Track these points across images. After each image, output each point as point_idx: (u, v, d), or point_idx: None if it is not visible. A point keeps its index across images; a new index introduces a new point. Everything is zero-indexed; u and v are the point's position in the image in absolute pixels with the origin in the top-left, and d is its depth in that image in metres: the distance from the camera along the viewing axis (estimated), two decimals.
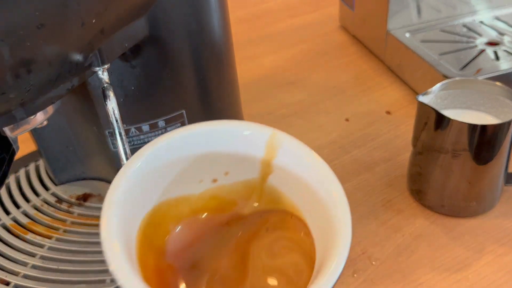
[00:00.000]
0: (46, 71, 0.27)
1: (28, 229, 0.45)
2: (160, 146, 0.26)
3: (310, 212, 0.28)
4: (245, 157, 0.28)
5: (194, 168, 0.28)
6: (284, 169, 0.28)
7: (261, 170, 0.29)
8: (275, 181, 0.29)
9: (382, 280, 0.42)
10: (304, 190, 0.27)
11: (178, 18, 0.39)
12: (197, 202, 0.29)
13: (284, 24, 0.87)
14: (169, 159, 0.27)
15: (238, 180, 0.30)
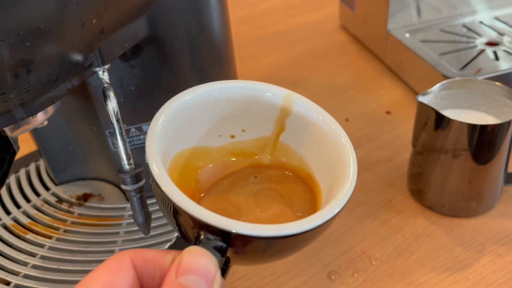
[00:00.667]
0: (46, 71, 0.27)
1: (29, 229, 0.45)
2: (191, 97, 0.29)
3: (317, 164, 0.30)
4: (261, 115, 0.31)
5: (216, 122, 0.30)
6: (296, 127, 0.30)
7: (274, 128, 0.31)
8: (287, 138, 0.31)
9: (382, 280, 0.42)
10: (313, 145, 0.30)
11: (178, 18, 0.39)
12: (217, 154, 0.31)
13: (284, 24, 0.87)
14: (196, 110, 0.29)
15: (253, 137, 0.32)
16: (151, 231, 0.43)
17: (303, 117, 0.30)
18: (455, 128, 0.42)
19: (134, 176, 0.33)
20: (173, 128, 0.28)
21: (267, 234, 0.22)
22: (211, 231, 0.22)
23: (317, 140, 0.30)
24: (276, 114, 0.31)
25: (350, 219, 0.48)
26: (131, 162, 0.33)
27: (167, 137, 0.27)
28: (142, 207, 0.34)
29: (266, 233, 0.22)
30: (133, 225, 0.45)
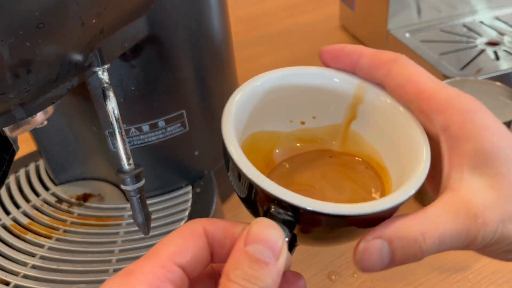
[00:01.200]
0: (46, 71, 0.26)
1: (28, 229, 0.45)
2: (263, 81, 0.29)
3: (388, 152, 0.30)
4: (333, 102, 0.30)
5: (287, 108, 0.30)
6: (368, 115, 0.30)
7: (346, 116, 0.31)
8: (358, 127, 0.31)
9: (382, 281, 0.42)
10: (384, 132, 0.30)
11: (178, 18, 0.39)
12: (286, 139, 0.31)
13: (284, 24, 0.87)
14: (268, 95, 0.29)
15: (324, 125, 0.31)
16: (151, 231, 0.43)
17: (376, 105, 0.30)
18: None
19: (134, 176, 0.33)
20: (247, 110, 0.28)
21: (338, 212, 0.22)
22: (282, 206, 0.23)
23: (389, 128, 0.29)
24: (349, 101, 0.30)
25: None
26: (131, 162, 0.33)
27: (240, 118, 0.27)
28: (142, 207, 0.34)
29: (336, 211, 0.22)
30: (133, 225, 0.45)
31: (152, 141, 0.43)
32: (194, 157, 0.47)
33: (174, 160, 0.47)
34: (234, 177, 0.25)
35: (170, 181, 0.48)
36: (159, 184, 0.47)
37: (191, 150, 0.47)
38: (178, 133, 0.44)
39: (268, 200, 0.23)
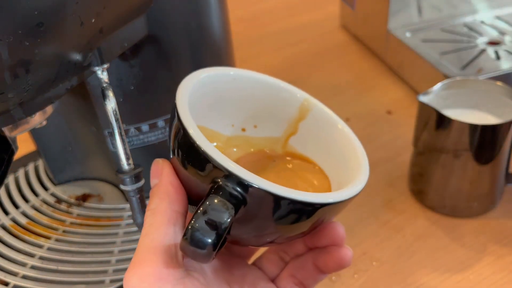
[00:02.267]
0: (45, 71, 0.26)
1: (27, 229, 0.45)
2: (213, 75, 0.28)
3: (327, 164, 0.30)
4: (277, 114, 0.31)
5: (232, 110, 0.30)
6: (308, 131, 0.30)
7: (286, 130, 0.31)
8: (296, 142, 0.31)
9: (383, 281, 0.42)
10: (323, 148, 0.30)
11: (177, 17, 0.39)
12: (224, 143, 0.31)
13: (284, 23, 0.87)
14: (216, 91, 0.29)
15: (263, 135, 0.31)
16: None
17: (318, 121, 0.30)
18: (456, 128, 0.42)
19: (134, 176, 0.33)
20: (198, 97, 0.27)
21: (293, 196, 0.22)
22: (233, 182, 0.22)
23: (329, 142, 0.30)
24: (292, 116, 0.30)
25: (350, 220, 0.47)
26: (130, 162, 0.33)
27: (192, 101, 0.27)
28: (141, 207, 0.34)
29: (293, 195, 0.22)
30: (132, 225, 0.45)
31: (152, 141, 0.43)
32: None
33: None
34: (181, 147, 0.25)
35: None
36: None
37: None
38: None
39: (219, 174, 0.23)
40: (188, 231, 0.21)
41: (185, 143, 0.24)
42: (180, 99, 0.25)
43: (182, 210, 0.25)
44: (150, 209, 0.25)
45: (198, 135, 0.23)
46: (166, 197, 0.25)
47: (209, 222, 0.21)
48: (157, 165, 0.26)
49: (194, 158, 0.24)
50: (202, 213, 0.22)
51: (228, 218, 0.21)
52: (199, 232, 0.21)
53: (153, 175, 0.26)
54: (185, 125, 0.24)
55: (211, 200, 0.22)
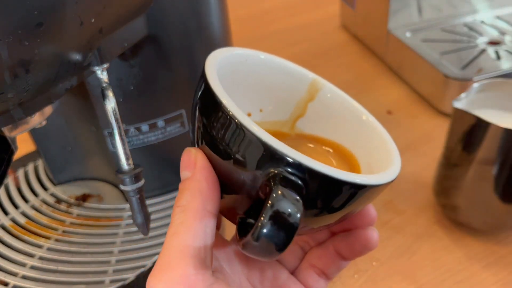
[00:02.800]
0: (44, 71, 0.26)
1: (27, 229, 0.45)
2: (233, 55, 0.27)
3: (350, 141, 0.29)
4: (283, 97, 0.29)
5: (239, 94, 0.28)
6: (317, 112, 0.29)
7: (294, 112, 0.30)
8: (303, 125, 0.30)
9: (383, 281, 0.42)
10: (341, 131, 0.29)
11: (177, 17, 0.39)
12: None
13: (284, 23, 0.87)
14: (231, 71, 0.27)
15: (269, 120, 0.30)
16: (150, 232, 0.42)
17: (328, 102, 0.29)
18: (500, 136, 0.38)
19: (133, 176, 0.33)
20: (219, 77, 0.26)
21: (355, 180, 0.21)
22: (294, 171, 0.20)
23: (344, 122, 0.29)
24: (300, 97, 0.29)
25: None
26: (130, 163, 0.33)
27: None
28: (141, 207, 0.34)
29: (354, 178, 0.21)
30: (132, 225, 0.45)
31: (152, 141, 0.43)
32: None
33: (173, 160, 0.47)
34: (221, 134, 0.22)
35: (170, 181, 0.48)
36: (158, 184, 0.47)
37: None
38: (177, 133, 0.44)
39: (278, 162, 0.21)
40: (258, 229, 0.20)
41: (228, 129, 0.22)
42: (213, 80, 0.23)
43: (214, 210, 0.23)
44: (181, 205, 0.22)
45: (247, 120, 0.21)
46: (199, 194, 0.22)
47: (279, 218, 0.20)
48: (189, 156, 0.24)
49: (241, 146, 0.21)
50: (270, 208, 0.20)
51: (298, 213, 0.20)
52: (271, 231, 0.20)
53: (185, 167, 0.23)
54: (228, 108, 0.21)
55: (277, 194, 0.20)
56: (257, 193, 0.22)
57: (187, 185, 0.23)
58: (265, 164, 0.21)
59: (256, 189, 0.22)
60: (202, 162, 0.23)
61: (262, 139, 0.20)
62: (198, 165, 0.23)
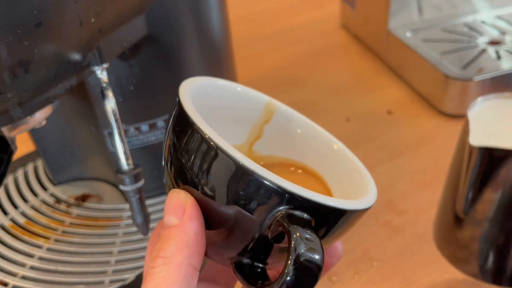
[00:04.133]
0: (44, 71, 0.26)
1: (27, 229, 0.45)
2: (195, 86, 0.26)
3: (317, 162, 0.29)
4: (238, 120, 0.29)
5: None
6: (274, 132, 0.29)
7: (250, 134, 0.29)
8: (260, 147, 0.30)
9: (383, 281, 0.42)
10: (302, 152, 0.29)
11: (177, 17, 0.39)
12: None
13: (285, 23, 0.87)
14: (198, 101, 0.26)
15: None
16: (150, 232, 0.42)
17: (284, 122, 0.29)
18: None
19: (133, 177, 0.33)
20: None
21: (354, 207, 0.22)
22: (298, 206, 0.20)
23: (306, 143, 0.29)
24: (256, 120, 0.29)
25: None
26: (130, 163, 0.33)
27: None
28: (141, 207, 0.34)
29: (353, 206, 0.22)
30: (132, 226, 0.45)
31: (152, 141, 0.43)
32: None
33: None
34: (216, 176, 0.21)
35: None
36: (158, 184, 0.47)
37: None
38: None
39: (287, 201, 0.20)
40: (286, 276, 0.19)
41: (226, 170, 0.20)
42: (194, 115, 0.22)
43: (198, 265, 0.21)
44: (165, 257, 0.21)
45: (244, 158, 0.20)
46: (185, 247, 0.21)
47: (306, 262, 0.19)
48: (178, 199, 0.21)
49: (243, 188, 0.20)
50: (294, 252, 0.19)
51: (321, 251, 0.19)
52: (299, 276, 0.19)
53: (171, 211, 0.21)
54: (221, 146, 0.20)
55: (297, 236, 0.19)
56: (260, 233, 0.21)
57: (172, 235, 0.21)
58: (273, 204, 0.20)
59: (258, 229, 0.21)
60: (192, 210, 0.21)
61: (272, 181, 0.20)
62: (188, 214, 0.21)
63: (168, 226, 0.21)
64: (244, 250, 0.22)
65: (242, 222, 0.21)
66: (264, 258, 0.23)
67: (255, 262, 0.23)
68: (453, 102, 0.59)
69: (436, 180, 0.51)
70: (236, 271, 0.23)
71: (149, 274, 0.21)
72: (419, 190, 0.50)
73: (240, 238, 0.22)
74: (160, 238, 0.21)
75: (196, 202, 0.21)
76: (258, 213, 0.20)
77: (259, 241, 0.21)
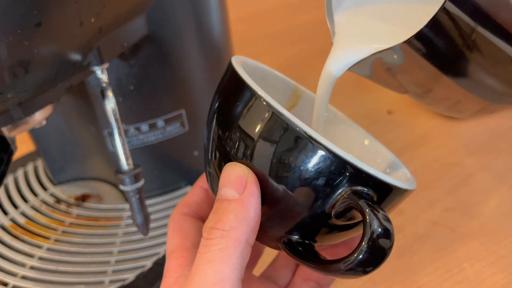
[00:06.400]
0: (44, 71, 0.26)
1: (27, 229, 0.45)
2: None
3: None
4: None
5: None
6: (300, 117, 0.29)
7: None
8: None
9: (383, 282, 0.42)
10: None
11: (177, 17, 0.39)
12: None
13: (284, 23, 0.87)
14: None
15: None
16: (150, 232, 0.42)
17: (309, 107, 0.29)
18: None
19: (133, 177, 0.33)
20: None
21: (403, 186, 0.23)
22: (365, 184, 0.20)
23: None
24: (283, 103, 0.29)
25: None
26: (130, 163, 0.33)
27: None
28: (141, 207, 0.34)
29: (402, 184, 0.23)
30: (132, 226, 0.45)
31: (151, 141, 0.43)
32: (193, 157, 0.47)
33: (173, 160, 0.47)
34: (291, 149, 0.20)
35: (170, 181, 0.48)
36: (158, 184, 0.47)
37: (191, 150, 0.46)
38: (177, 133, 0.44)
39: (357, 179, 0.20)
40: (361, 253, 0.19)
41: (297, 146, 0.20)
42: (258, 89, 0.21)
43: (253, 243, 0.21)
44: (223, 229, 0.20)
45: (316, 134, 0.20)
46: (245, 223, 0.20)
47: (379, 240, 0.19)
48: (239, 173, 0.21)
49: (310, 163, 0.20)
50: (369, 229, 0.19)
51: (392, 230, 0.20)
52: (373, 253, 0.19)
53: (231, 184, 0.21)
54: (292, 120, 0.20)
55: (371, 214, 0.19)
56: (321, 210, 0.21)
57: (232, 208, 0.20)
58: (342, 181, 0.20)
59: (320, 206, 0.21)
60: (253, 186, 0.21)
61: (345, 158, 0.20)
62: (249, 189, 0.21)
63: (227, 198, 0.21)
64: (296, 228, 0.22)
65: (305, 199, 0.21)
66: (314, 235, 0.22)
67: (305, 240, 0.22)
68: None
69: (436, 180, 0.51)
70: (288, 250, 0.22)
71: (204, 245, 0.20)
72: (419, 190, 0.50)
73: (297, 215, 0.21)
74: (215, 210, 0.21)
75: (256, 178, 0.21)
76: (324, 190, 0.20)
77: (316, 218, 0.21)
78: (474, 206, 0.48)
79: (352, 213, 0.21)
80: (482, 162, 0.52)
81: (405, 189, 0.23)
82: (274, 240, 0.23)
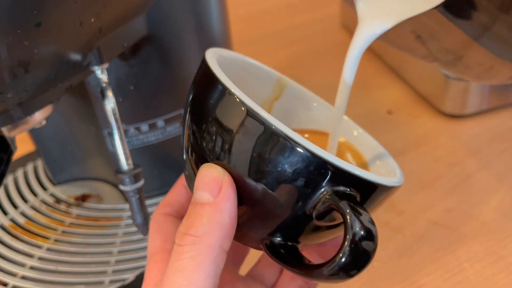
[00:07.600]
0: (44, 71, 0.26)
1: (26, 229, 0.45)
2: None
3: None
4: (252, 93, 0.28)
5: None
6: (283, 109, 0.29)
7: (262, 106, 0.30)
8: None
9: (383, 282, 0.42)
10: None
11: (177, 17, 0.39)
12: None
13: (284, 23, 0.87)
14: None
15: None
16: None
17: (295, 100, 0.29)
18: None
19: (133, 177, 0.33)
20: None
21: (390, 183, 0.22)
22: (345, 183, 0.19)
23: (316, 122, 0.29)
24: (267, 94, 0.29)
25: None
26: (130, 163, 0.33)
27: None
28: (141, 207, 0.34)
29: (389, 182, 0.22)
30: (132, 226, 0.45)
31: (151, 141, 0.43)
32: None
33: (173, 160, 0.47)
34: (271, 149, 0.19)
35: (170, 181, 0.47)
36: (158, 184, 0.47)
37: None
38: (177, 133, 0.44)
39: (329, 177, 0.19)
40: (343, 257, 0.19)
41: (275, 145, 0.19)
42: (231, 86, 0.20)
43: (228, 249, 0.20)
44: (195, 235, 0.19)
45: (292, 131, 0.19)
46: (218, 228, 0.19)
47: (361, 243, 0.19)
48: (214, 175, 0.20)
49: (289, 163, 0.19)
50: (351, 231, 0.19)
51: (375, 231, 0.19)
52: (355, 256, 0.19)
53: (205, 187, 0.20)
54: (268, 119, 0.19)
55: (351, 215, 0.19)
56: (302, 211, 0.20)
57: (206, 212, 0.19)
58: (323, 181, 0.19)
59: (301, 207, 0.20)
60: (228, 189, 0.19)
61: (325, 158, 0.19)
62: (224, 192, 0.19)
63: (201, 202, 0.20)
64: (277, 230, 0.21)
65: (284, 201, 0.20)
66: (296, 237, 0.22)
67: (288, 242, 0.22)
68: (453, 102, 0.59)
69: (436, 180, 0.51)
70: (269, 253, 0.21)
71: (176, 252, 0.19)
72: (419, 190, 0.50)
73: (277, 217, 0.20)
74: (189, 214, 0.20)
75: (232, 180, 0.20)
76: (304, 191, 0.19)
77: (297, 219, 0.20)
78: (474, 206, 0.48)
79: (334, 215, 0.20)
80: (482, 162, 0.52)
81: (391, 186, 0.22)
82: (255, 242, 0.23)
